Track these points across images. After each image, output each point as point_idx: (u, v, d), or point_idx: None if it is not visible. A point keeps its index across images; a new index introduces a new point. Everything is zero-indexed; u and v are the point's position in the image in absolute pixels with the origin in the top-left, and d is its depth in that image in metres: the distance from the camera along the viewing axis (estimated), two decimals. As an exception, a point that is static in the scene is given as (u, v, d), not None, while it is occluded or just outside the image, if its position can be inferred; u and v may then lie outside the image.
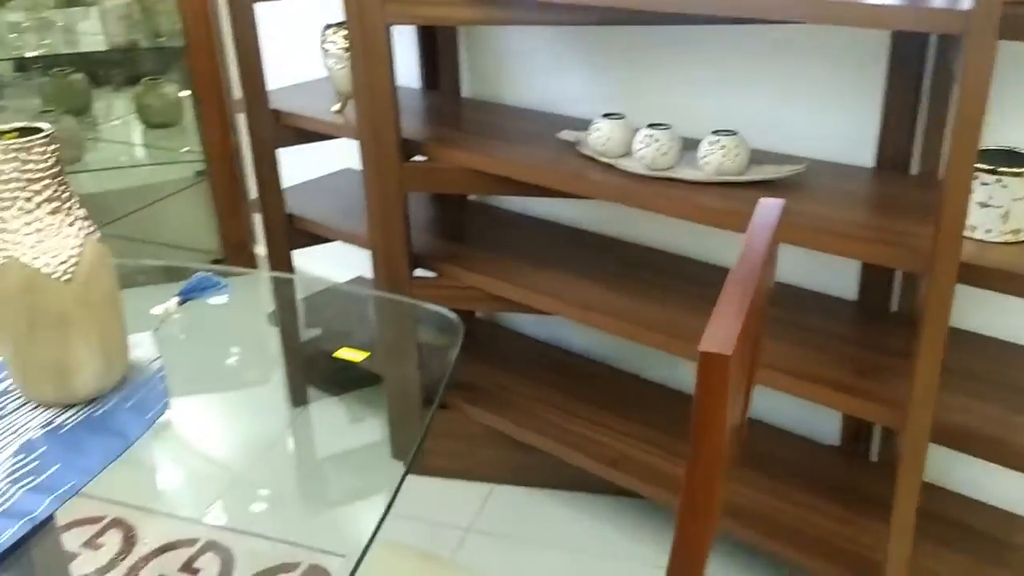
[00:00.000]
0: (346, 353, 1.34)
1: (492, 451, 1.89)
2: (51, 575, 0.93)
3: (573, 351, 2.04)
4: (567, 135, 1.66)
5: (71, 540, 1.70)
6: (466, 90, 2.04)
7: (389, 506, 0.96)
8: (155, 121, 2.90)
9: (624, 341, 1.59)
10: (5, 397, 1.03)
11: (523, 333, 2.12)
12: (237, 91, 1.94)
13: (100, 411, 1.01)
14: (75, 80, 2.89)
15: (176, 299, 1.21)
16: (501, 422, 1.80)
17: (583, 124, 1.70)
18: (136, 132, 2.95)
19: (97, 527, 1.70)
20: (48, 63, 2.83)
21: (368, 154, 1.71)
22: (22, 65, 2.92)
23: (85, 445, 0.95)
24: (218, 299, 1.41)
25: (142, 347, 1.13)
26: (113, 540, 1.66)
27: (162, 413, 1.03)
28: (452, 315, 1.25)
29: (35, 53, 2.72)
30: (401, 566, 1.18)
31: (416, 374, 1.45)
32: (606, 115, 1.56)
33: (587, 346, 2.03)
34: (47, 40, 2.72)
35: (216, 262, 2.66)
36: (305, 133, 1.92)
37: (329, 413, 1.50)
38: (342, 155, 2.25)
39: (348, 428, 1.50)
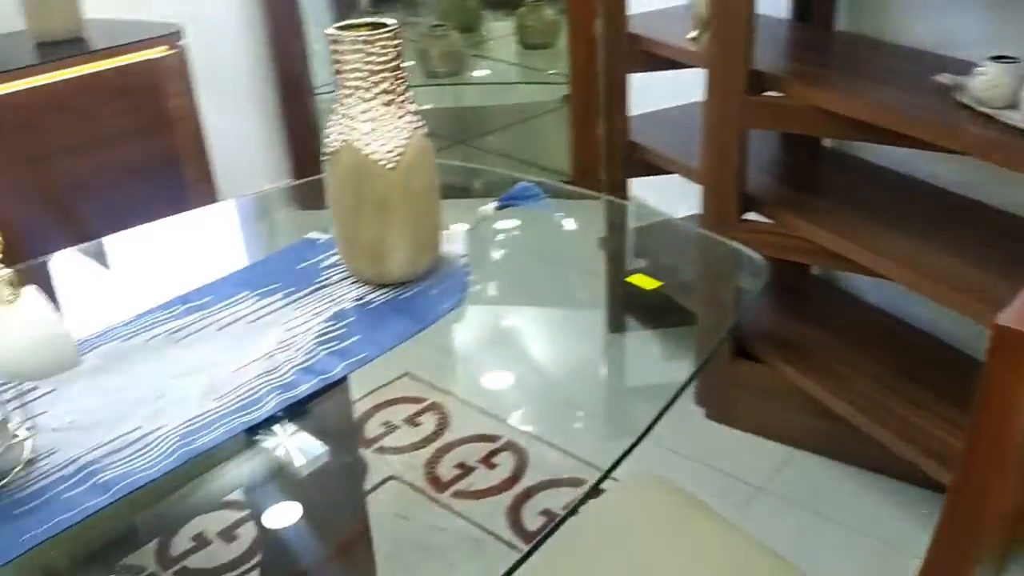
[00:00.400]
0: (639, 279, 1.31)
1: (802, 415, 1.77)
2: (338, 431, 1.03)
3: (913, 324, 1.82)
4: (944, 78, 1.44)
5: (396, 414, 1.88)
6: (841, 23, 1.85)
7: (640, 439, 0.93)
8: (532, 42, 3.03)
9: (972, 323, 1.38)
10: (333, 269, 1.15)
11: (859, 297, 1.93)
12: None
13: (405, 294, 1.08)
14: (467, -1, 3.11)
15: (494, 204, 1.26)
16: (816, 388, 1.67)
17: (969, 68, 1.47)
18: (513, 53, 3.10)
19: (419, 407, 1.87)
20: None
21: (713, 83, 1.63)
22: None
23: (385, 322, 1.03)
24: (560, 219, 1.45)
25: (455, 244, 1.19)
26: (430, 422, 1.82)
27: (456, 307, 1.07)
28: (759, 259, 1.16)
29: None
30: (664, 503, 1.15)
31: (723, 321, 1.38)
32: (995, 58, 1.33)
33: (931, 321, 1.80)
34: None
35: (566, 183, 2.74)
36: (658, 60, 1.88)
37: (643, 345, 1.49)
38: (695, 87, 2.18)
39: (659, 363, 1.48)
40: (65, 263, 1.32)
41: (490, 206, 1.26)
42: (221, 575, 1.45)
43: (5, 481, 0.80)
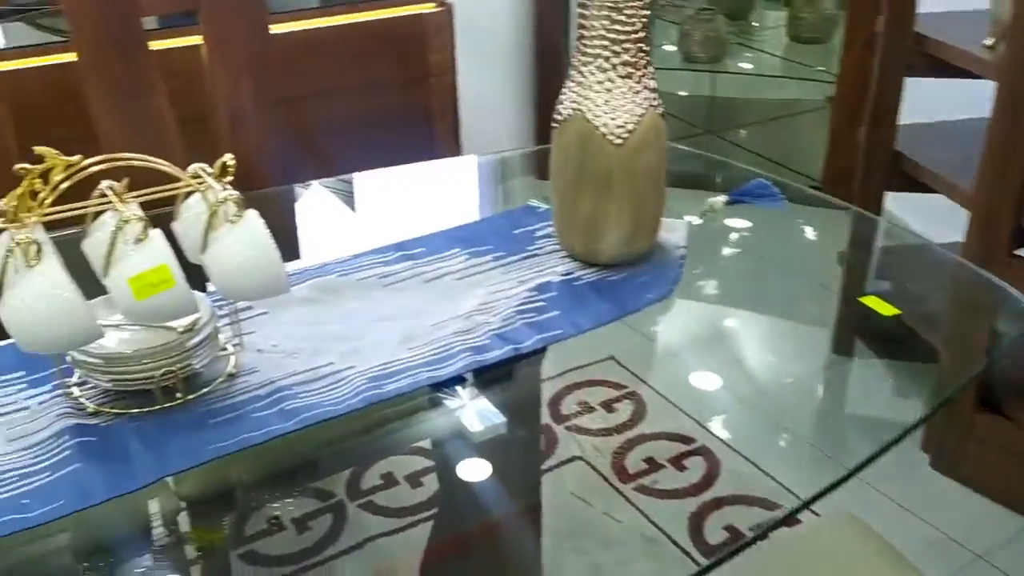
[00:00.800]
0: (874, 302, 1.18)
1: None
2: (522, 404, 1.01)
3: None
4: None
5: (594, 396, 1.85)
6: None
7: (851, 475, 0.83)
8: (804, 36, 2.85)
9: None
10: (546, 240, 1.12)
11: None
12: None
13: (613, 277, 1.04)
14: (740, -16, 2.97)
15: (723, 197, 1.18)
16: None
17: None
18: (780, 45, 2.93)
19: (617, 393, 1.82)
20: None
21: (1004, 96, 1.44)
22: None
23: (586, 303, 0.99)
24: (798, 224, 1.34)
25: (674, 233, 1.13)
26: (625, 410, 1.77)
27: (662, 299, 1.02)
28: (1024, 301, 1.01)
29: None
30: (862, 550, 1.04)
31: (969, 364, 1.22)
32: None
33: None
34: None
35: (813, 189, 2.57)
36: (943, 66, 1.69)
37: (870, 373, 1.36)
38: (980, 101, 1.95)
39: (886, 396, 1.35)
40: (310, 196, 1.40)
41: (719, 199, 1.18)
42: (402, 517, 1.50)
43: (208, 390, 0.85)
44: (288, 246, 0.80)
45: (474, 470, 0.93)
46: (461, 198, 1.51)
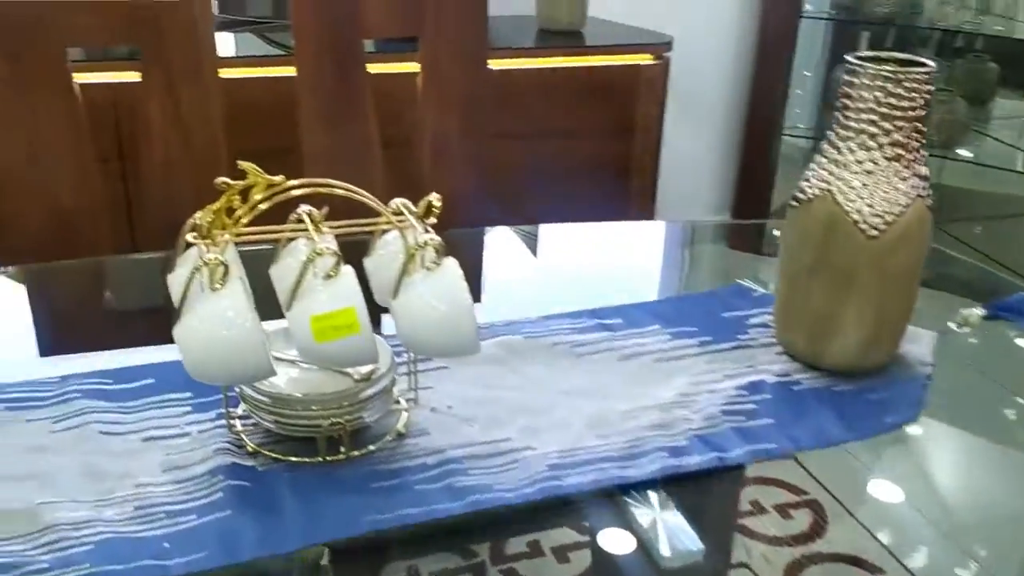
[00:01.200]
0: None
1: None
2: (716, 524, 0.87)
3: None
4: None
5: (768, 496, 1.67)
6: None
7: None
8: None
9: None
10: (760, 330, 0.98)
11: None
12: None
13: (840, 387, 0.89)
14: (986, 68, 2.72)
15: (982, 310, 1.01)
16: None
17: None
18: (1022, 137, 2.66)
19: (795, 499, 1.64)
20: (967, 43, 2.71)
21: None
22: (942, 49, 2.86)
23: (808, 415, 0.85)
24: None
25: (919, 345, 0.96)
26: (803, 520, 1.58)
27: (902, 425, 0.86)
28: None
29: (952, 27, 2.61)
30: None
31: None
32: None
33: None
34: (975, 19, 2.59)
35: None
36: None
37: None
38: None
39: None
40: (497, 239, 1.32)
41: (976, 311, 1.01)
42: (544, 592, 1.38)
43: (374, 448, 0.77)
44: (471, 290, 0.71)
45: (643, 558, 0.80)
46: (653, 266, 1.40)
